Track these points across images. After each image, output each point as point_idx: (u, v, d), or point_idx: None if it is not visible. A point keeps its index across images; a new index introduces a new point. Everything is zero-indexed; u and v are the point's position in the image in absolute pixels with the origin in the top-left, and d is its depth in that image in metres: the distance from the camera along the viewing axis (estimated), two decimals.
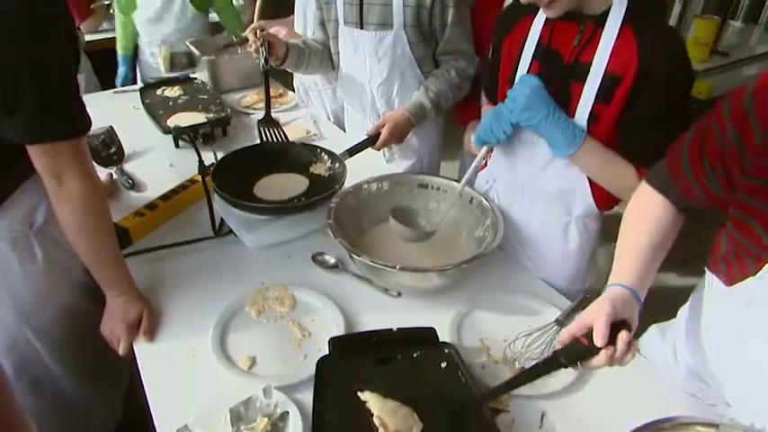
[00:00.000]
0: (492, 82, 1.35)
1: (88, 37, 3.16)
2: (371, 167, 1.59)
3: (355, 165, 1.51)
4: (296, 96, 2.33)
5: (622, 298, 0.84)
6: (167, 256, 1.33)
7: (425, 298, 1.23)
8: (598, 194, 1.24)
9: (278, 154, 1.59)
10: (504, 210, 1.40)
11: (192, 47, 2.36)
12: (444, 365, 1.00)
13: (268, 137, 1.75)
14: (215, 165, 1.44)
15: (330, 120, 2.23)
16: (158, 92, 2.18)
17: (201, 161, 1.37)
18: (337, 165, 1.51)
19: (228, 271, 1.30)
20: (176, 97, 2.14)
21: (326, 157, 1.55)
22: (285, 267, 1.32)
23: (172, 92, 2.17)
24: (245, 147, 1.60)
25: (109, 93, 2.45)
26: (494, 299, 1.22)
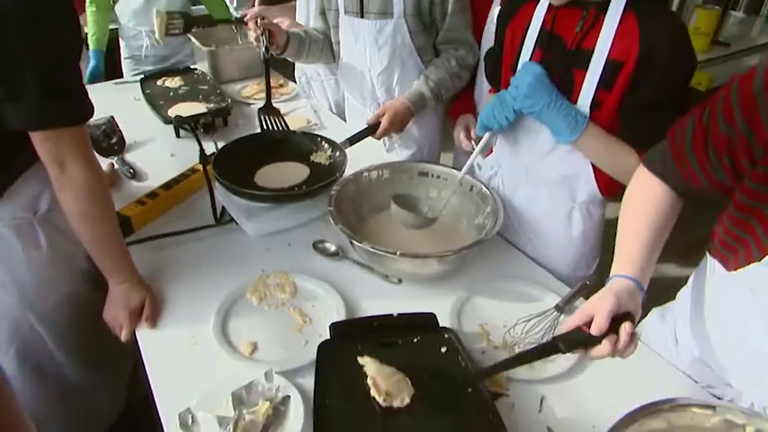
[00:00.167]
0: (495, 69, 1.35)
1: None
2: (372, 156, 1.59)
3: (356, 154, 1.52)
4: (296, 87, 2.33)
5: (627, 290, 0.83)
6: (169, 245, 1.34)
7: (426, 285, 1.24)
8: (602, 180, 1.24)
9: (278, 143, 1.59)
10: (508, 196, 1.40)
11: (193, 38, 2.36)
12: (444, 350, 1.01)
13: (269, 125, 1.75)
14: (216, 153, 1.44)
15: (332, 110, 2.22)
16: (159, 82, 2.19)
17: (202, 150, 1.38)
18: (338, 153, 1.52)
19: (230, 259, 1.31)
20: (177, 88, 2.14)
21: (327, 146, 1.56)
22: (286, 255, 1.32)
23: (172, 82, 2.18)
24: (245, 135, 1.60)
25: (109, 84, 2.45)
26: (494, 285, 1.23)
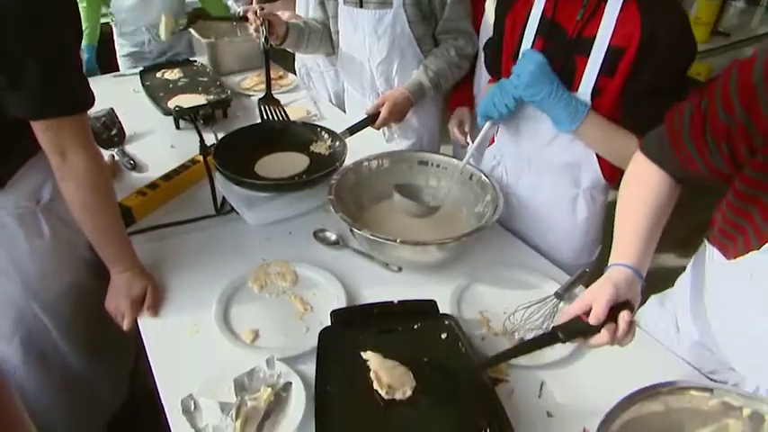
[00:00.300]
0: (495, 58, 1.35)
1: None
2: (371, 146, 1.59)
3: (355, 144, 1.52)
4: (296, 78, 2.33)
5: (625, 279, 0.83)
6: (170, 235, 1.34)
7: (426, 272, 1.24)
8: (606, 167, 1.25)
9: (279, 133, 1.59)
10: (512, 185, 1.40)
11: (193, 30, 2.36)
12: (445, 336, 1.01)
13: (269, 115, 1.75)
14: (217, 143, 1.45)
15: (332, 101, 2.22)
16: (158, 74, 2.19)
17: (203, 140, 1.38)
18: (338, 143, 1.52)
19: (230, 248, 1.31)
20: (176, 80, 2.14)
21: (327, 136, 1.56)
22: (286, 244, 1.33)
23: (172, 74, 2.18)
24: (246, 126, 1.61)
25: (109, 76, 2.45)
26: (494, 273, 1.24)
